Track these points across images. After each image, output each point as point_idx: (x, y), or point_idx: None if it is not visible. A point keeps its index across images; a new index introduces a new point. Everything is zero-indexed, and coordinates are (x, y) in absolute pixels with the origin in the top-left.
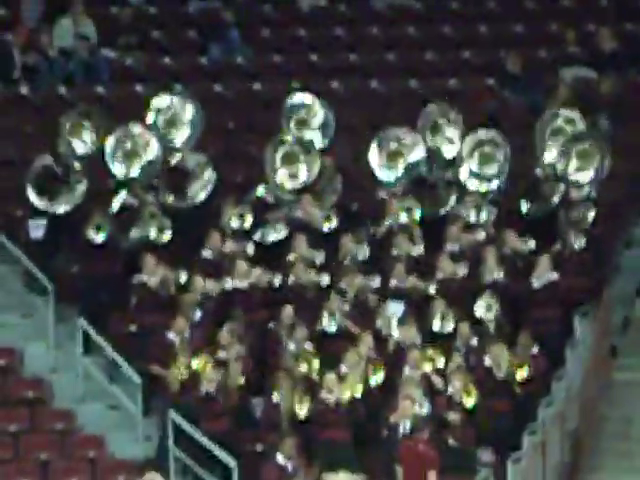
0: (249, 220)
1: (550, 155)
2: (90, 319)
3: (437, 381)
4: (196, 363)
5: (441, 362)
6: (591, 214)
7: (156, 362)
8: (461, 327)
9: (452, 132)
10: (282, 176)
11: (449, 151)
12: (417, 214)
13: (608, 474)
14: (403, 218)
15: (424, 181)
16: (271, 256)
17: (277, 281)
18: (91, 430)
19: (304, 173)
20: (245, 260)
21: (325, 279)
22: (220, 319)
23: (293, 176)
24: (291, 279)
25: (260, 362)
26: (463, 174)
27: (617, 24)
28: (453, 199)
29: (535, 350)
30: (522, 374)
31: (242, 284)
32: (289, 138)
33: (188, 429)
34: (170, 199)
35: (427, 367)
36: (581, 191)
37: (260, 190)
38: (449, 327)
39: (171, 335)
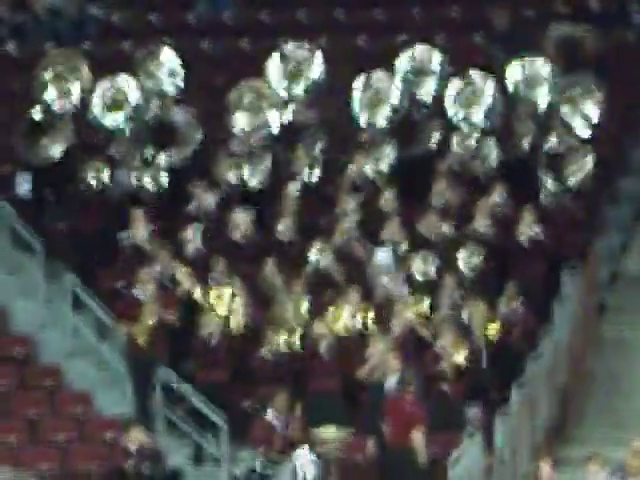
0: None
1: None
2: (79, 276)
3: (425, 334)
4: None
5: (428, 314)
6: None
7: (126, 317)
8: (447, 279)
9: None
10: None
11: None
12: (384, 166)
13: (595, 429)
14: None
15: (408, 121)
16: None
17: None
18: (79, 387)
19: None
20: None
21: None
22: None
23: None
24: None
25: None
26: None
27: None
28: (436, 136)
29: (519, 304)
30: (494, 329)
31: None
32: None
33: (175, 386)
34: (158, 154)
35: (413, 318)
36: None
37: None
38: (432, 276)
39: (137, 290)
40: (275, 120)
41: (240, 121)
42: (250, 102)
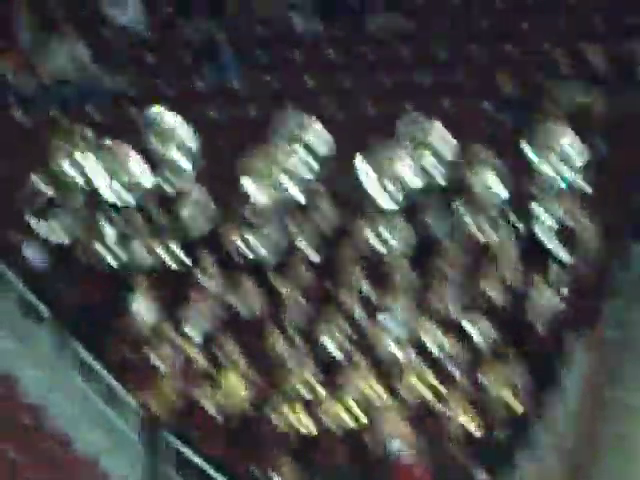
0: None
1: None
2: (87, 345)
3: (433, 401)
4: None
5: (437, 383)
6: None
7: (144, 388)
8: (455, 347)
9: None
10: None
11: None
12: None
13: None
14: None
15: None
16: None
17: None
18: (87, 453)
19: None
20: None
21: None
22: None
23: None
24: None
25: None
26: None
27: (611, 43)
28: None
29: (523, 370)
30: (507, 396)
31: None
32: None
33: (184, 451)
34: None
35: (423, 387)
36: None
37: None
38: (443, 347)
39: (157, 362)
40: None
41: (253, 188)
42: (264, 169)
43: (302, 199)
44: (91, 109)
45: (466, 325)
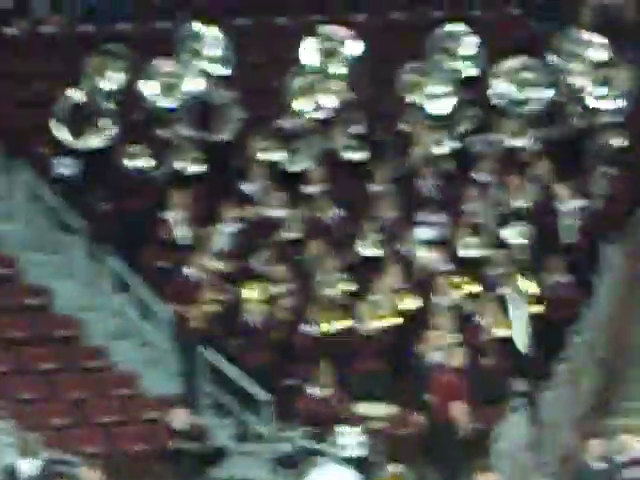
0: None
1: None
2: (121, 256)
3: (470, 308)
4: (248, 292)
5: (472, 289)
6: (618, 141)
7: (178, 298)
8: (491, 256)
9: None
10: (303, 106)
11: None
12: (446, 148)
13: (638, 400)
14: (434, 150)
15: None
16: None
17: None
18: (124, 368)
19: (326, 103)
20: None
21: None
22: (247, 251)
23: (315, 106)
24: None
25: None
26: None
27: None
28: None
29: (563, 277)
30: (535, 308)
31: (278, 214)
32: (309, 68)
33: (219, 364)
34: (201, 133)
35: (457, 294)
36: (605, 118)
37: None
38: (476, 253)
39: (191, 271)
40: (327, 102)
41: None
42: (306, 85)
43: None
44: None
45: (500, 232)
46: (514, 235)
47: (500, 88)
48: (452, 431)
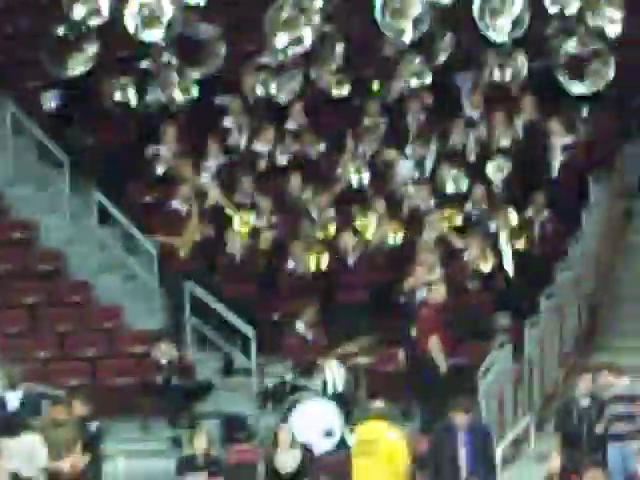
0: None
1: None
2: (105, 190)
3: (456, 241)
4: (237, 223)
5: (458, 222)
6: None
7: (165, 231)
8: (474, 190)
9: None
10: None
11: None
12: (428, 78)
13: (625, 336)
14: (414, 82)
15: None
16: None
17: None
18: (107, 301)
19: (307, 38)
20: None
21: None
22: (231, 184)
23: (295, 41)
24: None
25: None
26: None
27: None
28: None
29: (547, 213)
30: (519, 244)
31: (264, 148)
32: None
33: (204, 298)
34: (185, 67)
35: (444, 227)
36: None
37: None
38: (462, 188)
39: (176, 204)
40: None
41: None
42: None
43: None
44: None
45: (485, 166)
46: (497, 170)
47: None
48: (435, 367)
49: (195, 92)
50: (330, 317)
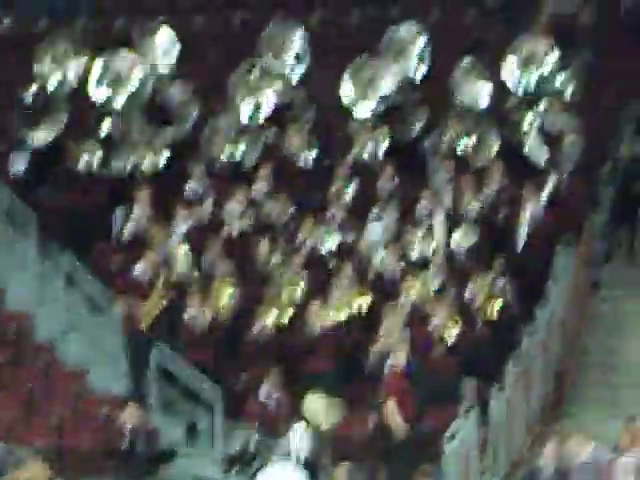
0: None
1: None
2: (72, 252)
3: (424, 306)
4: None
5: (425, 290)
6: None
7: (130, 295)
8: (441, 256)
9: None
10: (248, 105)
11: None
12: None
13: (591, 405)
14: (370, 148)
15: (396, 107)
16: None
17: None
18: (73, 364)
19: (270, 102)
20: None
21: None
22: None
23: (259, 105)
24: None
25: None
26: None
27: None
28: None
29: (512, 278)
30: (495, 306)
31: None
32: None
33: (169, 365)
34: (156, 130)
35: (409, 293)
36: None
37: None
38: (428, 253)
39: (141, 268)
40: (272, 99)
41: (242, 99)
42: (253, 81)
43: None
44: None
45: (452, 234)
46: (464, 237)
47: (455, 87)
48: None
49: (161, 159)
50: (296, 382)
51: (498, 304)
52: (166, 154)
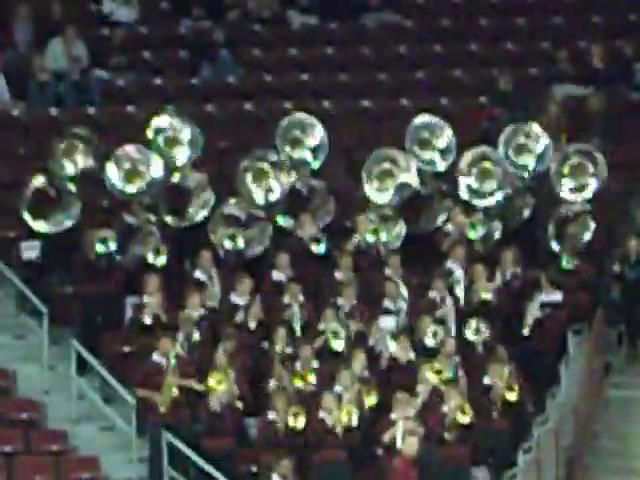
0: (240, 240)
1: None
2: (84, 340)
3: (439, 396)
4: (213, 380)
5: (438, 378)
6: (588, 232)
7: (145, 384)
8: (447, 344)
9: (444, 143)
10: (255, 193)
11: (442, 164)
12: (383, 237)
13: None
14: (370, 238)
15: (417, 196)
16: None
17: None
18: (85, 451)
19: (280, 190)
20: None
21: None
22: (215, 339)
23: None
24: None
25: (255, 382)
26: (462, 190)
27: (608, 41)
28: (445, 213)
29: (509, 367)
30: (511, 396)
31: (242, 301)
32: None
33: (183, 450)
34: (170, 219)
35: (422, 384)
36: (573, 207)
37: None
38: (438, 342)
39: (157, 357)
40: (280, 186)
41: (251, 187)
42: (264, 169)
43: (303, 195)
44: (89, 107)
45: (465, 324)
46: (475, 332)
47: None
48: None
49: (164, 256)
50: (306, 471)
51: (511, 393)
52: (179, 242)
